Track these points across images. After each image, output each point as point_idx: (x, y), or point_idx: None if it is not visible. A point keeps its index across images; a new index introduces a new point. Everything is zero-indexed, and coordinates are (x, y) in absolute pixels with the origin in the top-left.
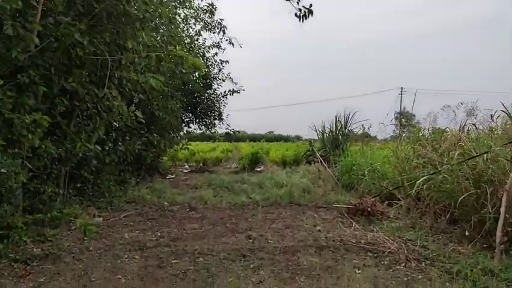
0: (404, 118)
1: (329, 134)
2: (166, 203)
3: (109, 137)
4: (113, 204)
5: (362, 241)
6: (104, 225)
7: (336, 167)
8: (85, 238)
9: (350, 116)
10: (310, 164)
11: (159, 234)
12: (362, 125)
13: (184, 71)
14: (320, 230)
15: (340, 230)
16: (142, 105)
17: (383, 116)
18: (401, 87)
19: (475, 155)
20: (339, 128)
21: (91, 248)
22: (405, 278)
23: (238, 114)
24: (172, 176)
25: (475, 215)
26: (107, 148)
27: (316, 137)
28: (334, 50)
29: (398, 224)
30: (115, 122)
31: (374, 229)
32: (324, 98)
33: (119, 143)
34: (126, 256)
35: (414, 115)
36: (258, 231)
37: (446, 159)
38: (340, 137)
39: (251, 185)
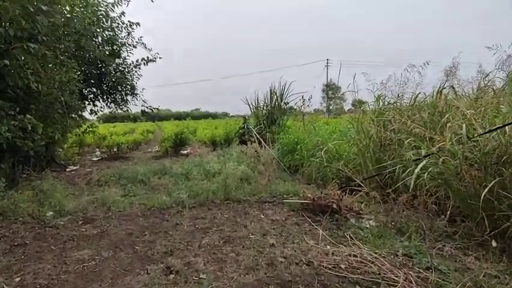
0: (330, 90)
1: (264, 108)
2: (49, 214)
3: None
4: None
5: (341, 265)
6: None
7: (274, 146)
8: None
9: (286, 87)
10: (245, 143)
11: (17, 279)
12: (302, 97)
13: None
14: (273, 245)
15: (301, 241)
16: (11, 75)
17: (309, 89)
18: (327, 59)
19: (486, 128)
20: (274, 100)
21: None
22: None
23: (160, 91)
24: (75, 168)
25: (489, 211)
26: None
27: (247, 113)
28: (252, 23)
29: (378, 225)
30: None
31: (348, 236)
32: (248, 72)
33: None
34: None
35: (340, 87)
36: (184, 255)
37: (443, 134)
38: (276, 110)
39: (174, 177)
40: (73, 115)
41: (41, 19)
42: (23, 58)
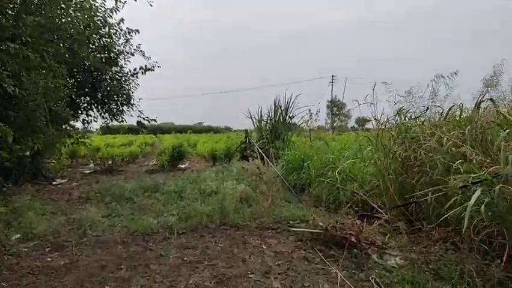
0: (335, 107)
1: (267, 122)
2: (15, 237)
3: None
4: None
5: None
6: None
7: (278, 163)
8: None
9: (291, 101)
10: (246, 159)
11: None
12: (309, 110)
13: None
14: None
15: (313, 285)
16: None
17: (314, 105)
18: (332, 75)
19: None
20: (279, 114)
21: None
22: None
23: (161, 104)
24: (62, 181)
25: None
26: None
27: (251, 128)
28: (262, 39)
29: (408, 264)
30: None
31: (372, 280)
32: (254, 86)
33: None
34: None
35: (345, 103)
36: None
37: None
38: (281, 125)
39: (166, 195)
40: (62, 125)
41: (26, 19)
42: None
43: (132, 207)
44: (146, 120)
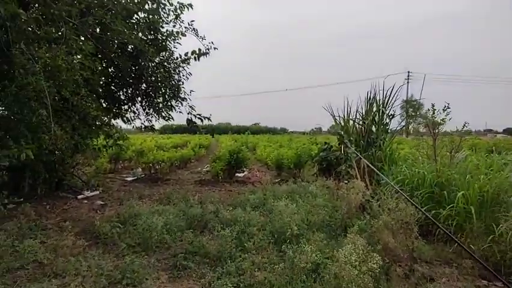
0: (411, 107)
1: (356, 122)
2: None
3: None
4: None
5: None
6: None
7: (377, 182)
8: None
9: (393, 94)
10: (327, 174)
11: None
12: (433, 105)
13: None
14: None
15: None
16: None
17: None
18: (408, 72)
19: None
20: (374, 111)
21: None
22: None
23: (219, 103)
24: (92, 194)
25: None
26: None
27: (319, 127)
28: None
29: None
30: None
31: None
32: (314, 85)
33: None
34: None
35: (422, 104)
36: None
37: None
38: (374, 128)
39: (218, 241)
40: (87, 122)
41: None
42: None
43: (160, 264)
44: (199, 118)
